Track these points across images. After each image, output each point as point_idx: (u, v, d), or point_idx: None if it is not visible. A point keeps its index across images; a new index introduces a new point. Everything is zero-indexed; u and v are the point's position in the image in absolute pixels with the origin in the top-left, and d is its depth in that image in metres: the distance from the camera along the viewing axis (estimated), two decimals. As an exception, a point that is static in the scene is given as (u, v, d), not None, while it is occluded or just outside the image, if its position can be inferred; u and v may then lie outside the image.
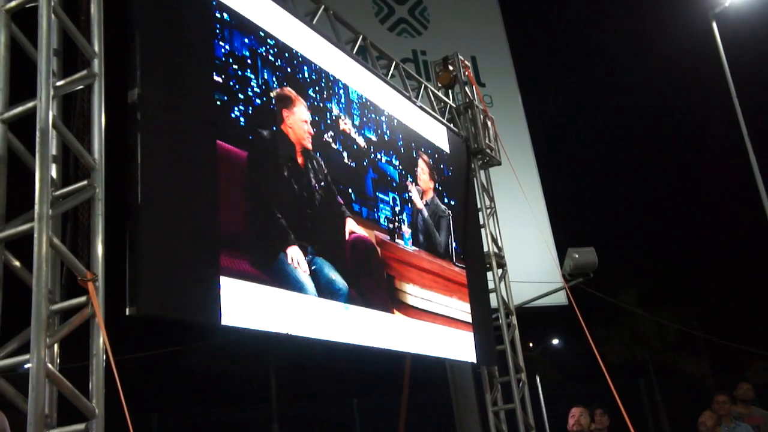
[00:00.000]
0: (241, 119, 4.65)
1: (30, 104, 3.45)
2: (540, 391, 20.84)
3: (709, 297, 22.85)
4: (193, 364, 18.89)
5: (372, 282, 5.72)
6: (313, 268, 4.97)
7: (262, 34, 5.10)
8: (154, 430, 12.93)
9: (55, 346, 3.31)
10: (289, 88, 5.25)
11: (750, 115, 12.03)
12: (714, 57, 12.27)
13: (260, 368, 19.16)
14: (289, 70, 5.31)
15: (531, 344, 24.12)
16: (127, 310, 3.57)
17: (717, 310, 22.22)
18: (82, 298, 3.38)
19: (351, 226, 5.61)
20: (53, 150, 3.51)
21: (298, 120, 5.26)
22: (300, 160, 5.17)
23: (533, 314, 11.62)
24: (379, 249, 5.90)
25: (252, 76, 4.88)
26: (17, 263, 3.37)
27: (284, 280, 4.66)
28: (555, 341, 24.20)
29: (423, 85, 7.70)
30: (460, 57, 8.41)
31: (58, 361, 3.36)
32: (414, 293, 6.22)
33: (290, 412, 17.83)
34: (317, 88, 5.63)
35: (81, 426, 3.25)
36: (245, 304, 4.26)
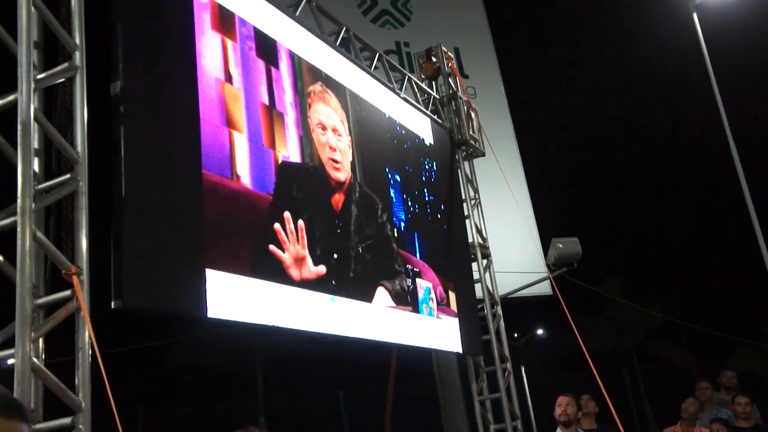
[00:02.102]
0: (225, 111, 4.63)
1: (11, 97, 3.43)
2: (525, 381, 21.04)
3: (691, 286, 23.09)
4: (180, 358, 18.88)
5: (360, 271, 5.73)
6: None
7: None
8: (141, 423, 12.91)
9: (40, 341, 3.29)
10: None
11: (731, 106, 12.14)
12: (695, 48, 12.36)
13: (247, 361, 19.17)
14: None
15: (516, 335, 24.27)
16: (113, 303, 3.56)
17: (700, 298, 22.46)
18: (67, 292, 3.37)
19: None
20: (35, 143, 3.49)
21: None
22: (284, 152, 5.17)
23: (518, 305, 11.68)
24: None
25: (235, 68, 4.85)
26: (0, 258, 3.35)
27: (270, 271, 4.66)
28: (540, 331, 24.34)
29: (406, 77, 7.70)
30: (444, 48, 8.41)
31: (44, 356, 3.35)
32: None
33: (277, 404, 17.84)
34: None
35: (67, 420, 3.24)
36: (231, 296, 4.25)
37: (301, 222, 5.06)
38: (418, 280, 6.53)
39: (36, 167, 3.49)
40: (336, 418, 14.58)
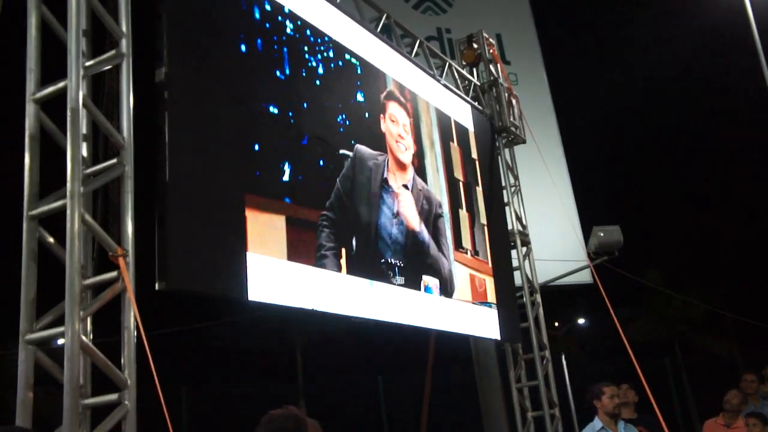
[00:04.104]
0: (267, 98, 4.71)
1: (61, 84, 3.54)
2: (565, 369, 20.91)
3: (737, 276, 22.61)
4: (222, 340, 19.22)
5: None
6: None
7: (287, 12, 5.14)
8: (183, 403, 13.17)
9: (89, 320, 3.41)
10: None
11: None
12: (747, 30, 12.03)
13: (287, 344, 19.44)
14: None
15: (557, 324, 24.08)
16: (157, 284, 3.66)
17: (745, 289, 21.99)
18: (114, 273, 3.49)
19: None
20: (84, 129, 3.59)
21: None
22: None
23: (559, 294, 11.63)
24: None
25: (277, 55, 4.92)
26: (51, 239, 3.47)
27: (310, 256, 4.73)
28: (581, 321, 24.14)
29: (447, 64, 7.69)
30: (485, 35, 8.37)
31: (91, 336, 3.47)
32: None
33: (316, 387, 18.06)
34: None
35: (114, 396, 3.36)
36: (272, 280, 4.34)
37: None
38: (456, 267, 6.56)
39: (84, 152, 3.60)
40: (374, 402, 14.69)
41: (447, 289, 6.30)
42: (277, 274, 4.40)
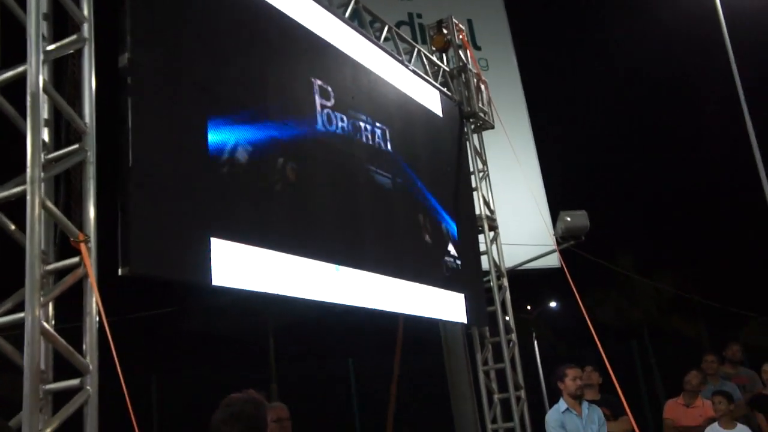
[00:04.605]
0: (232, 83, 4.71)
1: (20, 68, 3.52)
2: (537, 352, 21.27)
3: (704, 260, 23.05)
4: (193, 325, 19.22)
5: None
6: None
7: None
8: (153, 391, 13.15)
9: (50, 305, 3.42)
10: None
11: (748, 80, 12.02)
12: (713, 21, 12.20)
13: (258, 329, 19.51)
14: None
15: (529, 307, 24.40)
16: (120, 270, 3.68)
17: (712, 273, 22.43)
18: (75, 259, 3.49)
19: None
20: (45, 114, 3.58)
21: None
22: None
23: (531, 277, 11.75)
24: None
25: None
26: (12, 226, 3.47)
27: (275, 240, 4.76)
28: (552, 304, 24.49)
29: (416, 49, 7.71)
30: (455, 20, 8.41)
31: (53, 321, 3.47)
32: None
33: (288, 371, 18.19)
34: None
35: (76, 381, 3.38)
36: (236, 265, 4.36)
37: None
38: (424, 251, 6.62)
39: (46, 137, 3.59)
40: (345, 384, 14.87)
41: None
42: (242, 259, 4.42)
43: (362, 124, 6.18)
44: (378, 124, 6.42)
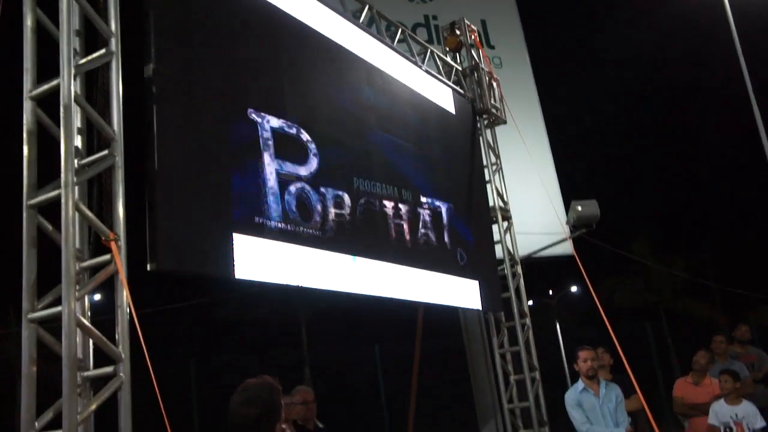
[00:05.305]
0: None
1: (54, 82, 3.82)
2: (559, 335, 21.52)
3: (719, 244, 23.14)
4: (231, 314, 19.81)
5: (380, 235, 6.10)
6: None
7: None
8: (192, 375, 13.64)
9: (86, 299, 3.73)
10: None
11: (753, 63, 12.03)
12: (720, 8, 12.20)
13: (291, 317, 20.04)
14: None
15: (551, 291, 24.61)
16: (148, 266, 3.99)
17: (727, 256, 22.53)
18: (107, 256, 3.78)
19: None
20: (78, 123, 3.88)
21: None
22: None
23: (552, 264, 11.99)
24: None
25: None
26: (49, 226, 3.78)
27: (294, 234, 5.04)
28: (573, 288, 24.69)
29: (429, 50, 7.98)
30: (467, 21, 8.72)
31: (89, 313, 3.78)
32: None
33: (320, 357, 18.70)
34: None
35: (110, 368, 3.69)
36: (257, 258, 4.64)
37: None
38: (440, 242, 6.88)
39: (78, 144, 3.89)
40: (372, 368, 15.35)
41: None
42: (262, 252, 4.71)
43: (376, 121, 6.45)
44: (393, 117, 6.70)
